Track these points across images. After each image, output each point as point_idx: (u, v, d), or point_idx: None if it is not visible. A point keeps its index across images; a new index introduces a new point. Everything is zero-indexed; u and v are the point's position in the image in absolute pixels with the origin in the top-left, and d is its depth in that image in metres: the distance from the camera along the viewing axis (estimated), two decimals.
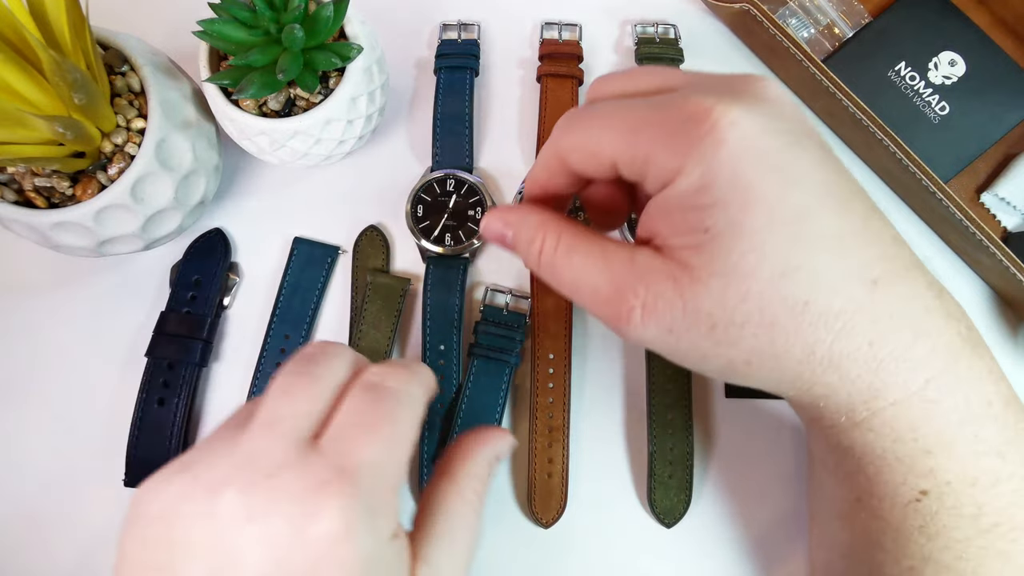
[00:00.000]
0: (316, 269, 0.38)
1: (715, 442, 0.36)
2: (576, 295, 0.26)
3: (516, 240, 0.27)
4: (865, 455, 0.26)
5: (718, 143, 0.22)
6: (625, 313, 0.24)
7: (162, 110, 0.32)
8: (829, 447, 0.27)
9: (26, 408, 0.37)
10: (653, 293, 0.24)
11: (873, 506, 0.26)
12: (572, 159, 0.26)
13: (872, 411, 0.24)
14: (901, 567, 0.26)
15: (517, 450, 0.36)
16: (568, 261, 0.25)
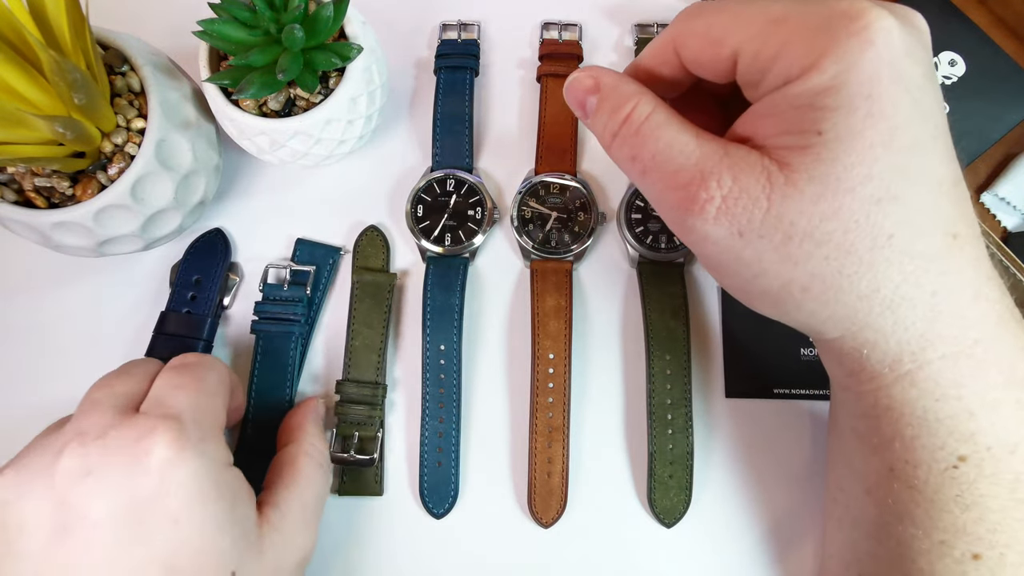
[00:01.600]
0: (319, 270, 0.38)
1: (715, 442, 0.36)
2: (650, 172, 0.24)
3: (602, 102, 0.26)
4: (904, 416, 0.25)
5: (865, 45, 0.21)
6: (701, 202, 0.23)
7: (162, 110, 0.32)
8: (863, 411, 0.26)
9: (26, 408, 0.37)
10: (739, 187, 0.22)
11: (907, 475, 0.25)
12: (690, 46, 0.25)
13: (918, 364, 0.24)
14: (932, 541, 0.25)
15: (517, 450, 0.37)
16: (657, 132, 0.24)
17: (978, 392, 0.24)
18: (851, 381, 0.26)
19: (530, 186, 0.38)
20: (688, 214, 0.23)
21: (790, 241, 0.22)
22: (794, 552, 0.35)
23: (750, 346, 0.37)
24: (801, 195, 0.22)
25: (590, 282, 0.39)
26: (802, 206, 0.22)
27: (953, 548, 0.25)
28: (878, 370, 0.25)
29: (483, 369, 0.38)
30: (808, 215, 0.22)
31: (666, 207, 0.24)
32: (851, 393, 0.27)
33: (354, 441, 0.36)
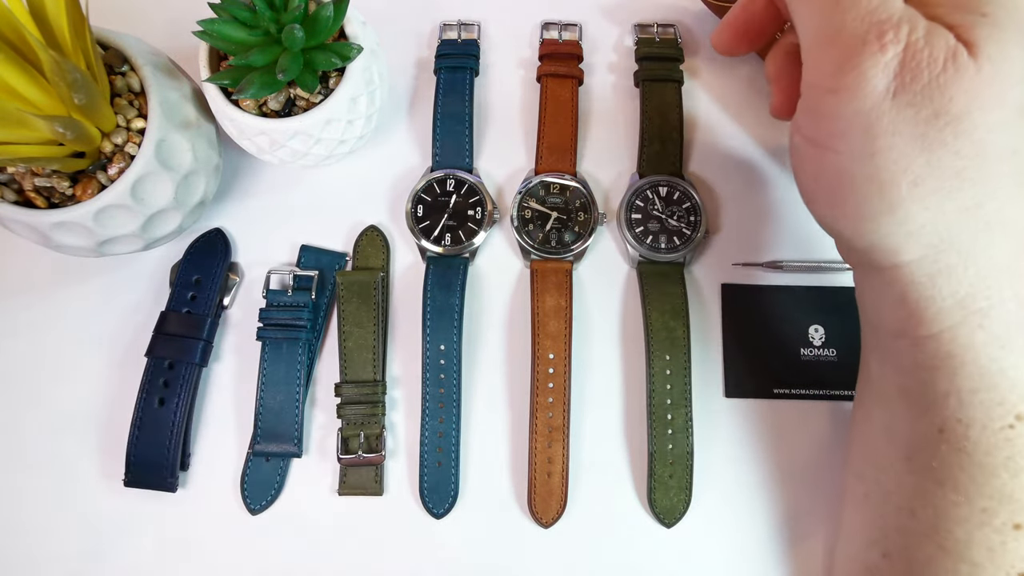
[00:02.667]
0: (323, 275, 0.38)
1: (715, 442, 0.36)
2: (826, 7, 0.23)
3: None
4: (965, 365, 0.24)
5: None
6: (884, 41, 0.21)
7: (162, 110, 0.32)
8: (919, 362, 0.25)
9: (26, 408, 0.37)
10: (929, 43, 0.21)
11: (958, 435, 0.24)
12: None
13: (991, 302, 0.23)
14: (973, 508, 0.24)
15: (517, 450, 0.37)
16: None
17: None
18: (911, 324, 0.25)
19: (530, 186, 0.38)
20: (863, 50, 0.22)
21: (936, 120, 0.21)
22: (794, 551, 0.35)
23: (750, 346, 0.37)
24: (977, 73, 0.21)
25: (590, 282, 0.39)
26: (971, 85, 0.21)
27: (995, 516, 0.24)
28: (948, 305, 0.23)
29: (483, 369, 0.38)
30: (971, 96, 0.21)
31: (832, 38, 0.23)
32: (906, 341, 0.25)
33: (360, 441, 0.36)
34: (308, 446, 0.37)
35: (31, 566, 0.35)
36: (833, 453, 0.36)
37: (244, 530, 0.36)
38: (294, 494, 0.36)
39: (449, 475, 0.36)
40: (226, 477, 0.36)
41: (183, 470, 0.36)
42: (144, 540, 0.36)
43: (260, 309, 0.37)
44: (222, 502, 0.36)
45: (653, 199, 0.38)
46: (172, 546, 0.36)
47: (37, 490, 0.36)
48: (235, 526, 0.36)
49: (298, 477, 0.36)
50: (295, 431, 0.36)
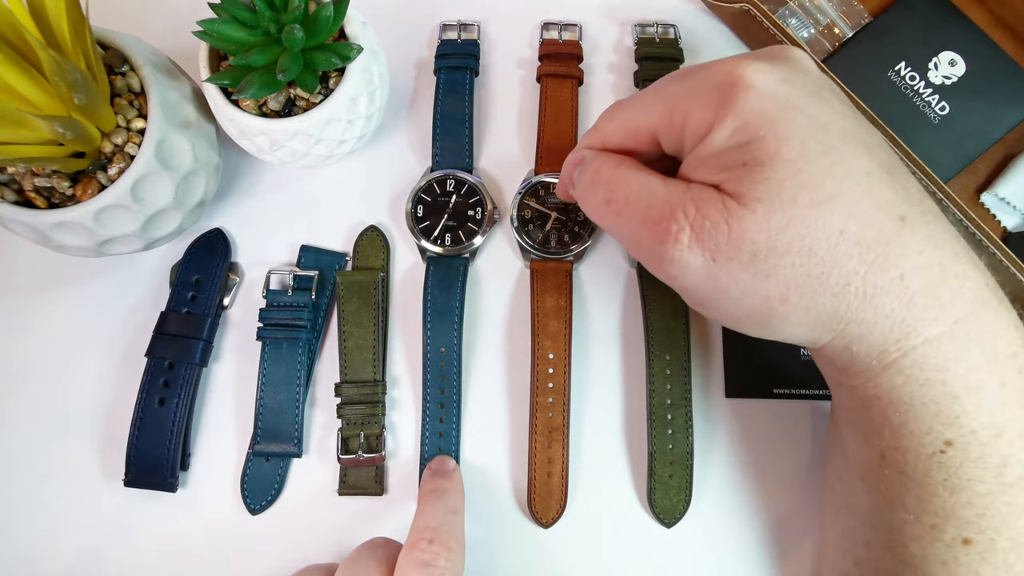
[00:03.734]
0: (323, 275, 0.38)
1: (715, 442, 0.36)
2: (624, 213, 0.27)
3: (585, 165, 0.30)
4: (892, 403, 0.26)
5: (747, 90, 0.24)
6: (674, 232, 0.25)
7: (162, 110, 0.32)
8: (855, 403, 0.27)
9: (26, 408, 0.37)
10: (702, 214, 0.25)
11: (897, 461, 0.26)
12: (614, 142, 0.29)
13: (903, 351, 0.25)
14: (923, 525, 0.26)
15: (517, 450, 0.37)
16: (628, 177, 0.28)
17: (961, 375, 0.25)
18: (843, 377, 0.28)
19: (530, 186, 0.38)
20: (663, 245, 0.26)
21: (756, 258, 0.24)
22: (794, 552, 0.35)
23: (750, 346, 0.37)
24: (753, 214, 0.24)
25: (590, 282, 0.39)
26: (757, 224, 0.24)
27: (944, 532, 0.26)
28: (867, 363, 0.26)
29: (483, 369, 0.38)
30: (765, 231, 0.24)
31: (643, 245, 0.27)
32: (843, 388, 0.28)
33: (360, 441, 0.36)
34: (308, 446, 0.37)
35: (31, 566, 0.35)
36: None
37: (244, 530, 0.36)
38: (294, 494, 0.36)
39: None
40: (226, 477, 0.36)
41: (183, 470, 0.36)
42: (144, 540, 0.36)
43: (260, 309, 0.37)
44: (222, 502, 0.36)
45: None
46: (172, 546, 0.36)
47: (37, 490, 0.36)
48: (235, 526, 0.36)
49: (298, 477, 0.36)
50: (295, 431, 0.36)
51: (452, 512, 0.32)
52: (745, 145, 0.24)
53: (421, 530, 0.30)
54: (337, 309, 0.37)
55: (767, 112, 0.24)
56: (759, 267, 0.25)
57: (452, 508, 0.32)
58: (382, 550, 0.30)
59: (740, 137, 0.25)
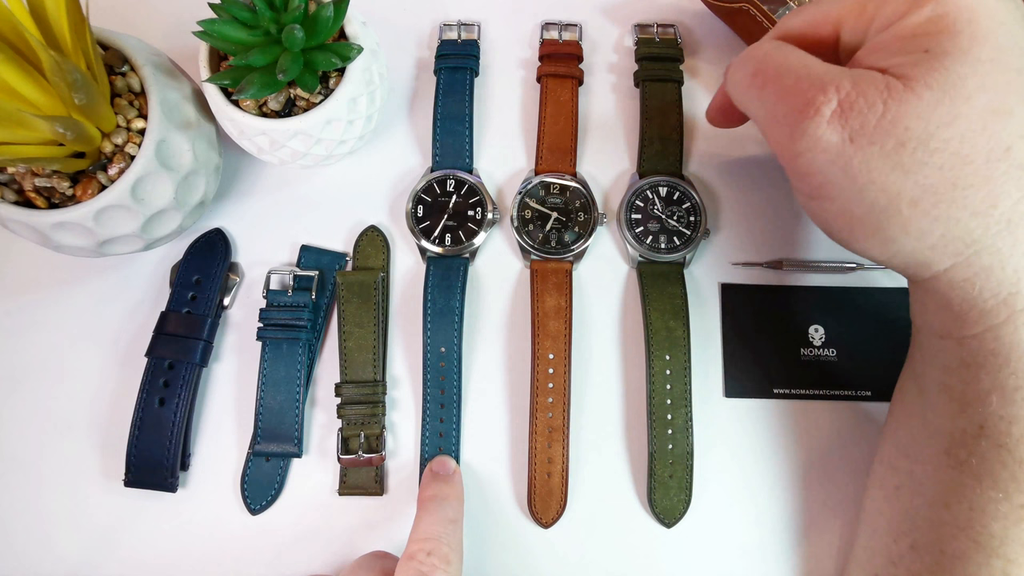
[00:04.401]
0: (324, 275, 0.38)
1: (715, 442, 0.36)
2: (770, 83, 0.26)
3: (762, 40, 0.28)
4: (1011, 362, 0.24)
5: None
6: (818, 104, 0.23)
7: (162, 110, 0.32)
8: (962, 361, 0.25)
9: (26, 408, 0.37)
10: (858, 91, 0.23)
11: (1000, 431, 0.25)
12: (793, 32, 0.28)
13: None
14: (1012, 504, 0.24)
15: (517, 450, 0.37)
16: (784, 51, 0.26)
17: None
18: (955, 326, 0.25)
19: (530, 186, 0.38)
20: (803, 117, 0.24)
21: (903, 148, 0.23)
22: (794, 551, 0.35)
23: (750, 346, 0.37)
24: (919, 100, 0.22)
25: (590, 282, 0.39)
26: (919, 111, 0.22)
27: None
28: (990, 306, 0.24)
29: (483, 369, 0.38)
30: (925, 120, 0.22)
31: (778, 117, 0.25)
32: (951, 341, 0.26)
33: (360, 441, 0.36)
34: (308, 446, 0.37)
35: (31, 566, 0.35)
36: (833, 453, 0.36)
37: (244, 530, 0.36)
38: (294, 494, 0.36)
39: None
40: (226, 477, 0.36)
41: (183, 470, 0.36)
42: (144, 540, 0.36)
43: (260, 309, 0.37)
44: (222, 502, 0.36)
45: (653, 199, 0.38)
46: (172, 546, 0.36)
47: (37, 490, 0.36)
48: (235, 526, 0.36)
49: (298, 477, 0.36)
50: (295, 431, 0.36)
51: (451, 521, 0.31)
52: (936, 34, 0.23)
53: (420, 540, 0.29)
54: (337, 309, 0.37)
55: (973, 10, 0.23)
56: (902, 159, 0.23)
57: (451, 517, 0.31)
58: (380, 562, 0.30)
59: (934, 25, 0.23)
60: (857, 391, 0.36)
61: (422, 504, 0.32)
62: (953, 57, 0.22)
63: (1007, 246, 0.23)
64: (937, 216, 0.23)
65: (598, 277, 0.39)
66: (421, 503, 0.33)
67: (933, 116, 0.22)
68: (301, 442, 0.36)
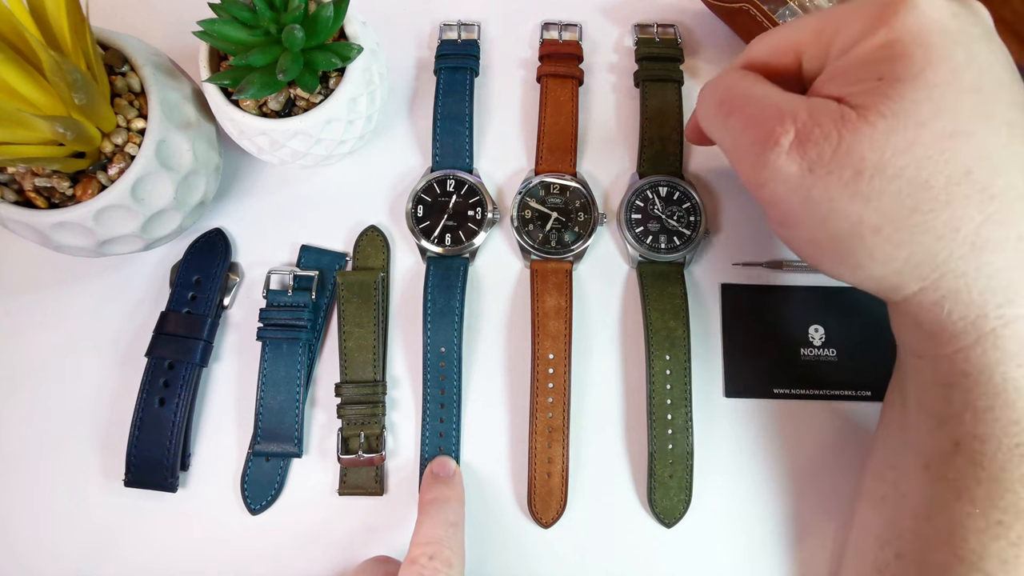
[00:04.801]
0: (324, 275, 0.38)
1: (715, 442, 0.36)
2: (735, 113, 0.26)
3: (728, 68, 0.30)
4: (980, 384, 0.24)
5: (910, 9, 0.23)
6: (776, 135, 0.24)
7: (162, 110, 0.32)
8: (937, 380, 0.26)
9: (26, 408, 0.37)
10: (814, 121, 0.23)
11: (973, 450, 0.25)
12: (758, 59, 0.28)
13: (1004, 320, 0.23)
14: (988, 521, 0.24)
15: (517, 450, 0.37)
16: (747, 81, 0.27)
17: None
18: (928, 345, 0.26)
19: (530, 186, 0.38)
20: (764, 148, 0.24)
21: (861, 177, 0.23)
22: (794, 552, 0.35)
23: (750, 346, 0.37)
24: (873, 129, 0.22)
25: (590, 282, 0.39)
26: (874, 139, 0.22)
27: (1010, 530, 0.24)
28: (960, 328, 0.24)
29: (483, 369, 0.38)
30: (880, 148, 0.22)
31: (743, 148, 0.26)
32: (925, 360, 0.26)
33: (360, 441, 0.36)
34: (308, 446, 0.37)
35: (31, 566, 0.35)
36: (833, 453, 0.36)
37: (244, 530, 0.36)
38: (294, 494, 0.36)
39: None
40: (226, 477, 0.36)
41: (183, 470, 0.36)
42: (144, 539, 0.36)
43: (260, 309, 0.37)
44: (222, 502, 0.36)
45: (653, 199, 0.38)
46: (172, 546, 0.36)
47: (37, 490, 0.36)
48: (235, 526, 0.36)
49: (298, 477, 0.36)
50: (295, 431, 0.36)
51: (452, 524, 0.31)
52: (889, 60, 0.23)
53: (421, 544, 0.29)
54: (337, 309, 0.37)
55: (925, 34, 0.22)
56: (860, 188, 0.23)
57: (452, 520, 0.31)
58: (383, 567, 0.30)
59: (887, 51, 0.23)
60: (857, 391, 0.36)
61: (423, 507, 0.32)
62: (906, 83, 0.22)
63: (972, 269, 0.23)
64: (900, 242, 0.23)
65: (598, 277, 0.39)
66: (422, 506, 0.32)
67: (888, 144, 0.22)
68: (301, 442, 0.36)
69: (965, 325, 0.24)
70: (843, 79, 0.24)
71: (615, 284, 0.38)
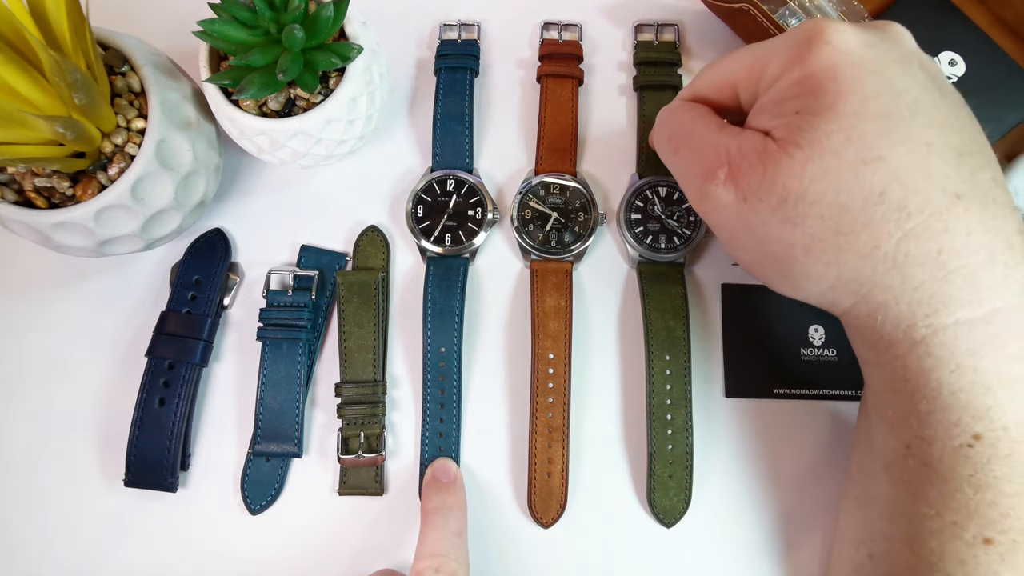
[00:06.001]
0: (324, 275, 0.38)
1: (715, 442, 0.36)
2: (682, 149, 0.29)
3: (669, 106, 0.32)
4: (919, 389, 0.25)
5: (822, 45, 0.25)
6: (713, 170, 0.27)
7: (162, 110, 0.32)
8: (883, 386, 0.27)
9: (26, 408, 0.37)
10: (742, 155, 0.26)
11: (922, 452, 0.26)
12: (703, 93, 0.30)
13: (933, 329, 0.24)
14: (944, 521, 0.25)
15: (517, 450, 0.37)
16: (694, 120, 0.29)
17: (995, 365, 0.24)
18: (871, 354, 0.27)
19: (530, 186, 0.38)
20: (705, 181, 0.27)
21: (785, 203, 0.25)
22: (794, 552, 0.35)
23: (750, 346, 0.37)
24: (791, 160, 0.24)
25: (590, 282, 0.39)
26: (792, 169, 0.24)
27: (965, 530, 0.25)
28: (894, 337, 0.25)
29: (483, 369, 0.38)
30: (798, 177, 0.24)
31: (691, 180, 0.28)
32: (872, 367, 0.28)
33: (360, 441, 0.36)
34: (308, 446, 0.37)
35: (31, 566, 0.35)
36: (833, 453, 0.36)
37: (244, 530, 0.36)
38: (294, 494, 0.36)
39: None
40: (226, 477, 0.36)
41: (183, 470, 0.36)
42: (144, 540, 0.36)
43: (260, 309, 0.37)
44: (222, 502, 0.36)
45: (653, 199, 0.38)
46: (172, 546, 0.36)
47: (37, 490, 0.36)
48: (235, 526, 0.36)
49: (298, 477, 0.36)
50: (295, 431, 0.36)
51: (456, 534, 0.32)
52: (803, 95, 0.25)
53: (426, 556, 0.30)
54: (337, 309, 0.37)
55: (837, 68, 0.24)
56: (787, 213, 0.25)
57: (456, 529, 0.32)
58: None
59: (802, 86, 0.25)
60: (857, 391, 0.36)
61: (426, 517, 0.33)
62: (818, 116, 0.24)
63: (897, 283, 0.24)
64: (828, 261, 0.25)
65: (598, 277, 0.39)
66: (425, 516, 0.33)
67: (805, 173, 0.24)
68: (301, 442, 0.36)
69: (898, 335, 0.25)
70: (768, 113, 0.26)
71: (615, 284, 0.38)
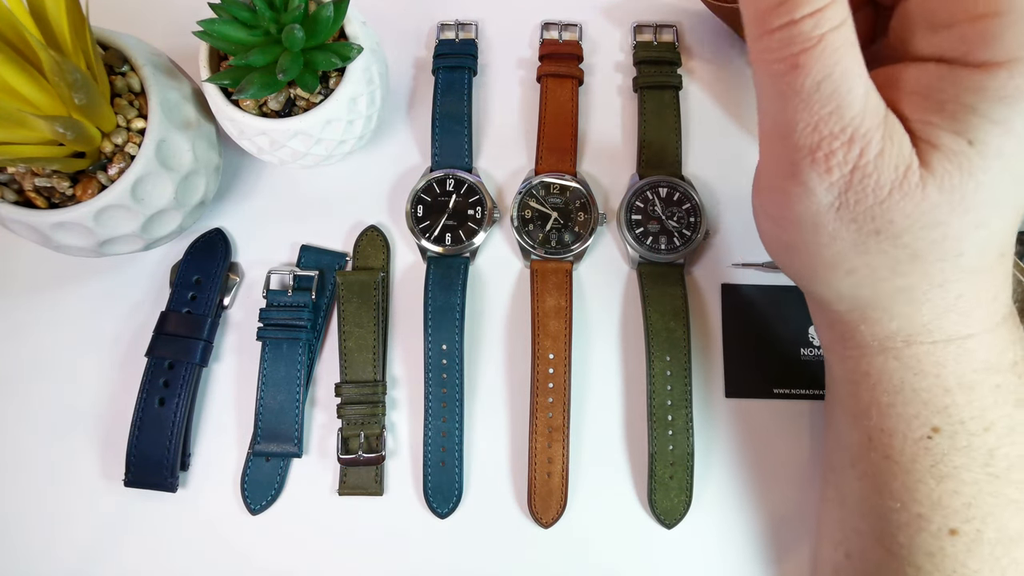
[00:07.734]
0: (324, 275, 0.38)
1: (715, 442, 0.36)
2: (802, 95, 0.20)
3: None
4: (881, 383, 0.25)
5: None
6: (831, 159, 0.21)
7: (162, 110, 0.32)
8: (844, 376, 0.27)
9: (26, 408, 0.37)
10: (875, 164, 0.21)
11: (884, 444, 0.26)
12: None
13: (908, 343, 0.24)
14: (910, 514, 0.26)
15: (517, 450, 0.37)
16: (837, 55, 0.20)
17: (957, 373, 0.24)
18: (837, 346, 0.27)
19: (530, 186, 0.38)
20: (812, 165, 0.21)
21: (877, 236, 0.22)
22: (795, 552, 0.35)
23: (750, 346, 0.37)
24: (923, 199, 0.21)
25: (590, 282, 0.39)
26: (912, 209, 0.21)
27: (930, 522, 0.25)
28: (867, 341, 0.25)
29: (483, 369, 0.38)
30: (912, 219, 0.21)
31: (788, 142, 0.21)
32: (835, 355, 0.28)
33: (360, 441, 0.36)
34: (308, 446, 0.37)
35: (31, 566, 0.35)
36: None
37: (244, 530, 0.36)
38: (294, 494, 0.36)
39: (453, 475, 0.36)
40: (226, 477, 0.36)
41: (183, 470, 0.36)
42: (144, 540, 0.36)
43: (260, 309, 0.37)
44: (222, 502, 0.36)
45: (653, 200, 0.38)
46: (172, 546, 0.36)
47: (37, 490, 0.36)
48: (235, 526, 0.36)
49: (298, 477, 0.36)
50: (295, 431, 0.36)
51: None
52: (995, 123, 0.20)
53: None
54: (337, 309, 0.37)
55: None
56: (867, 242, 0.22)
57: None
58: None
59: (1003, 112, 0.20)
60: None
61: None
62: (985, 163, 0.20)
63: (904, 312, 0.24)
64: (862, 285, 0.24)
65: (598, 277, 0.39)
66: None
67: (922, 218, 0.21)
68: (301, 442, 0.36)
69: (872, 341, 0.25)
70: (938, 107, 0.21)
71: (615, 284, 0.38)
